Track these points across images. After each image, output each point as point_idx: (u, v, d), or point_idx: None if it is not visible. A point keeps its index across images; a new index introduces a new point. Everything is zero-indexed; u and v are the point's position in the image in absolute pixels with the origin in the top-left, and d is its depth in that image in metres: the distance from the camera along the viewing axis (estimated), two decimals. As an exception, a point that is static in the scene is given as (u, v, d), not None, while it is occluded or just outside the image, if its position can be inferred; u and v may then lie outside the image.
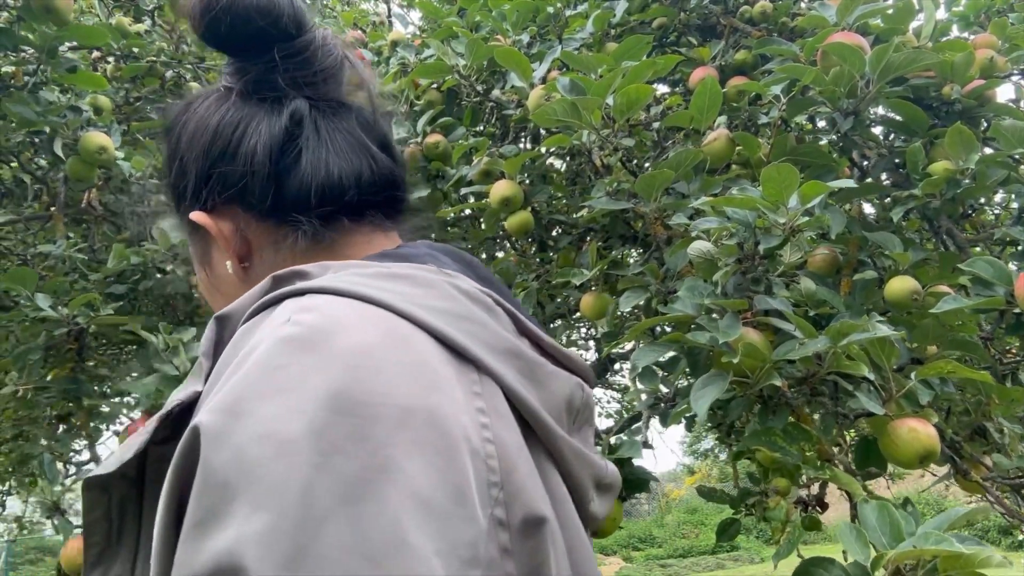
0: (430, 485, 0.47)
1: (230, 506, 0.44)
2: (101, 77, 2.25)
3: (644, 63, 1.75)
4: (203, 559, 0.43)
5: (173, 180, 0.79)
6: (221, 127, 0.75)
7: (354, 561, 0.42)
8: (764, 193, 1.40)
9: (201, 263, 0.81)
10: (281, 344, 0.51)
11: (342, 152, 0.76)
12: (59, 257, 2.07)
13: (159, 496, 0.57)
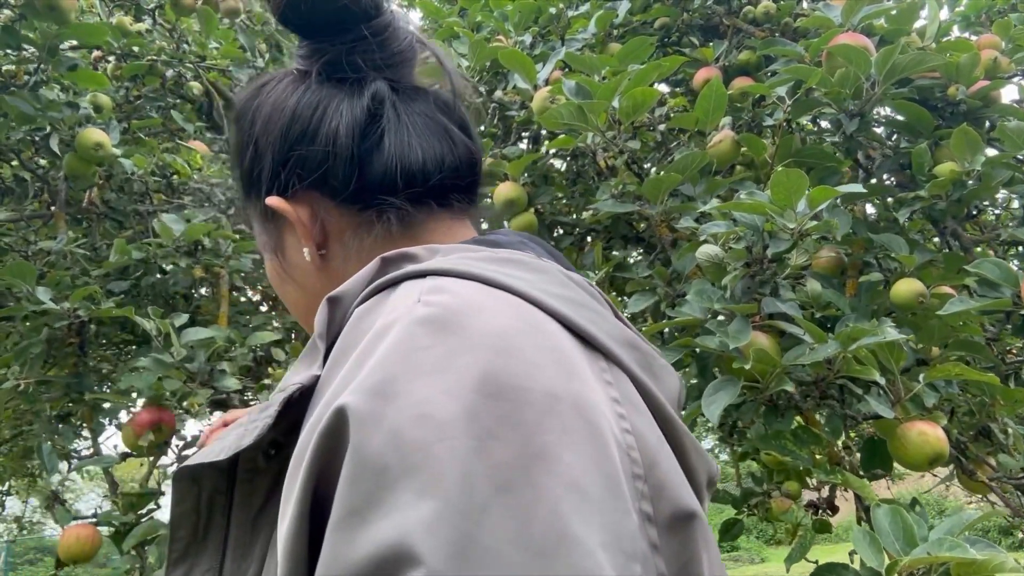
0: (586, 475, 0.45)
1: (391, 492, 0.42)
2: (102, 75, 2.25)
3: (650, 66, 1.75)
4: (365, 548, 0.41)
5: (247, 166, 0.77)
6: (300, 109, 0.73)
7: (519, 555, 0.40)
8: (773, 197, 1.40)
9: (273, 251, 0.79)
10: (419, 325, 0.49)
11: (424, 135, 0.74)
12: (60, 253, 2.07)
13: (254, 489, 0.59)
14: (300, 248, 0.74)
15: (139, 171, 2.34)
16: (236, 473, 0.60)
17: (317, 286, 0.75)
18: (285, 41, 3.21)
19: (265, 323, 2.32)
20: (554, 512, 0.42)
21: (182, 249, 2.01)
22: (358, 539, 0.41)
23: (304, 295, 0.77)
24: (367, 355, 0.49)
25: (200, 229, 1.98)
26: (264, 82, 0.78)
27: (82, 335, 1.83)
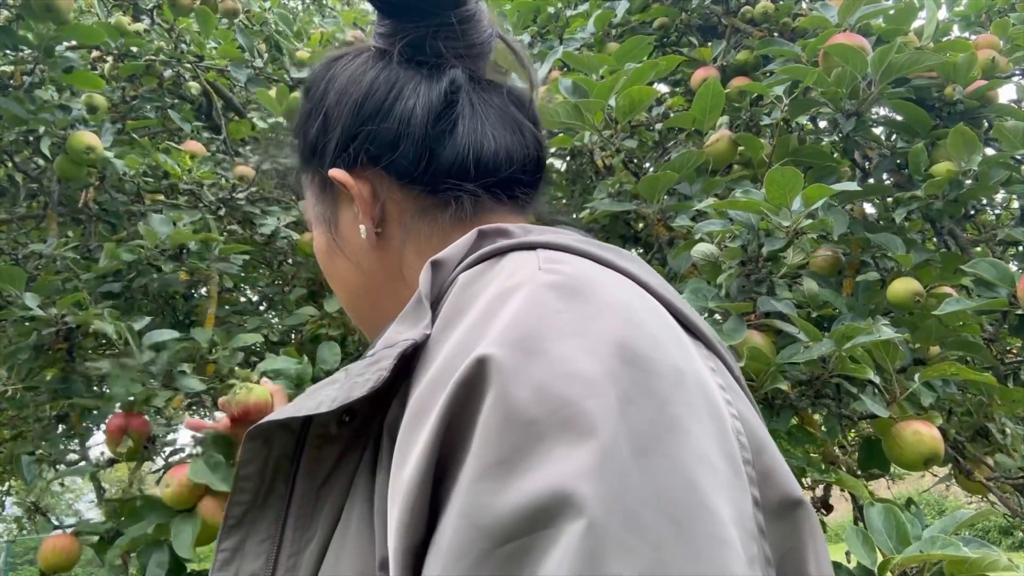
0: (713, 450, 0.45)
1: (541, 444, 0.42)
2: (97, 77, 2.25)
3: (646, 65, 1.75)
4: (519, 496, 0.40)
5: (313, 135, 0.77)
6: (376, 85, 0.73)
7: (658, 520, 0.40)
8: (768, 196, 1.40)
9: (326, 223, 0.78)
10: (549, 289, 0.50)
11: (497, 127, 0.75)
12: (49, 257, 2.06)
13: (322, 457, 0.59)
14: (356, 224, 0.75)
15: (131, 171, 2.33)
16: (305, 439, 0.60)
17: (369, 264, 0.76)
18: (284, 41, 3.21)
19: (261, 325, 2.31)
20: (690, 482, 0.42)
21: (167, 252, 2.00)
22: (510, 488, 0.41)
23: (354, 271, 0.77)
24: (492, 314, 0.49)
25: (185, 235, 1.98)
26: (339, 55, 0.78)
27: (70, 340, 1.83)
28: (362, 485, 0.58)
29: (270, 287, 3.16)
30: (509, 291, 0.51)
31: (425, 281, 0.59)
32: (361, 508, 0.56)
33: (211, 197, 2.35)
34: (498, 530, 0.40)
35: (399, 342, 0.54)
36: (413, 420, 0.48)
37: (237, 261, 2.16)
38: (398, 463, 0.48)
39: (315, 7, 5.13)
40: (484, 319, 0.49)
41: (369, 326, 0.81)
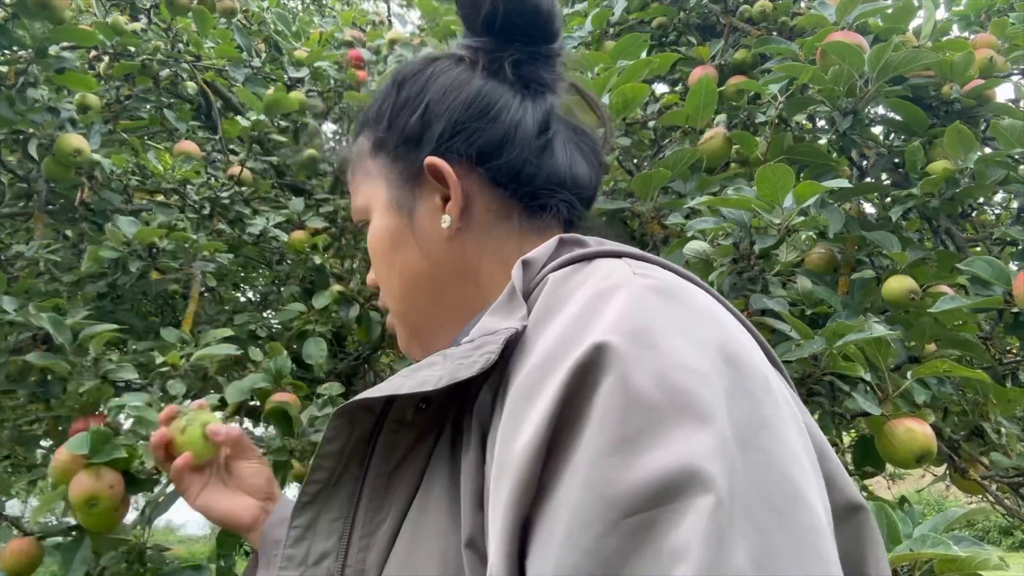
0: (799, 449, 0.49)
1: (664, 426, 0.44)
2: (89, 78, 2.24)
3: (640, 62, 1.74)
4: (646, 472, 0.43)
5: (411, 124, 0.80)
6: (483, 91, 0.78)
7: (760, 505, 0.43)
8: (759, 193, 1.39)
9: (400, 209, 0.80)
10: (650, 292, 0.54)
11: (577, 154, 0.82)
12: (31, 259, 2.06)
13: (397, 442, 0.63)
14: (435, 215, 0.78)
15: (118, 171, 2.33)
16: (383, 423, 0.64)
17: (440, 256, 0.79)
18: (283, 41, 3.21)
19: (249, 321, 2.30)
20: (784, 474, 0.45)
21: (135, 252, 1.99)
22: (637, 463, 0.43)
23: (423, 261, 0.79)
24: (596, 309, 0.53)
25: (152, 232, 1.97)
26: (436, 57, 0.83)
27: (49, 343, 1.82)
28: (440, 470, 0.61)
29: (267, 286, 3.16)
30: (609, 290, 0.54)
31: (518, 277, 0.64)
32: (440, 491, 0.60)
33: (195, 196, 2.34)
34: (625, 502, 0.42)
35: (500, 329, 0.58)
36: (520, 401, 0.51)
37: (222, 260, 2.16)
38: (503, 442, 0.51)
39: (314, 7, 5.13)
40: (588, 313, 0.53)
41: (416, 319, 0.82)
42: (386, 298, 0.84)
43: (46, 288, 2.02)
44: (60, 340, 1.62)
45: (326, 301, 2.25)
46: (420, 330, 0.83)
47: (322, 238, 2.56)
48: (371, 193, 0.83)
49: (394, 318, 0.85)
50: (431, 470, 0.63)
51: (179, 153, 2.45)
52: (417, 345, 0.84)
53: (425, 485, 0.62)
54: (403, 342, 0.86)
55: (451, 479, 0.60)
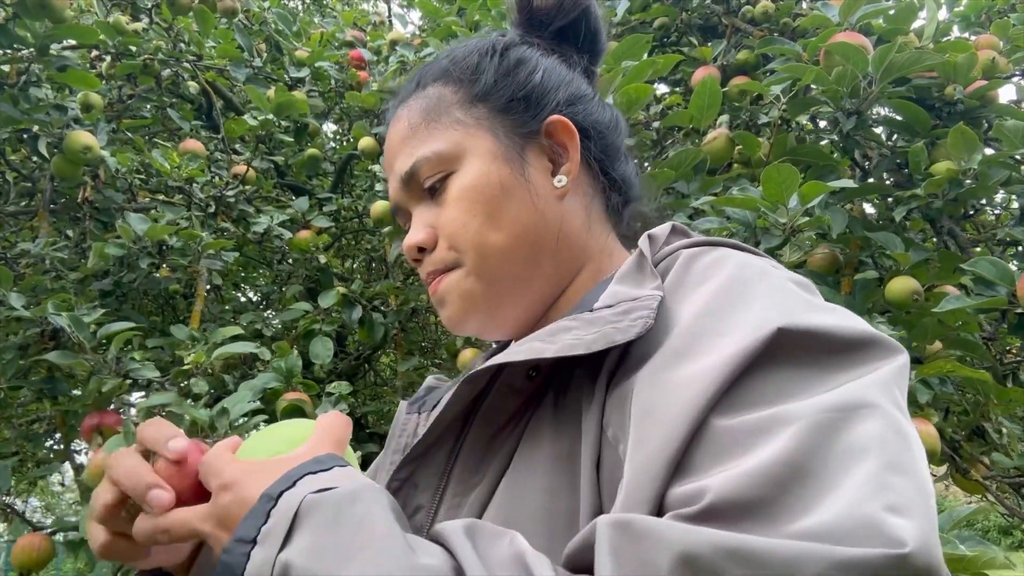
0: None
1: (839, 374, 0.54)
2: (92, 76, 2.24)
3: (643, 63, 1.75)
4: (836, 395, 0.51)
5: (530, 81, 0.83)
6: (580, 82, 0.87)
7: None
8: (764, 193, 1.39)
9: (511, 160, 0.81)
10: (791, 282, 0.63)
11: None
12: (37, 256, 2.06)
13: (503, 407, 0.68)
14: (545, 172, 0.82)
15: (123, 169, 2.33)
16: (490, 388, 0.68)
17: (552, 213, 0.81)
18: (284, 41, 3.21)
19: (254, 320, 2.30)
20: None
21: (146, 249, 1.99)
22: (828, 387, 0.52)
23: (534, 215, 0.80)
24: (748, 293, 0.60)
25: (162, 230, 1.97)
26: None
27: (56, 339, 1.82)
28: (542, 433, 0.65)
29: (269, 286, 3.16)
30: (757, 276, 0.62)
31: (647, 249, 0.71)
32: (545, 453, 0.63)
33: (201, 195, 2.34)
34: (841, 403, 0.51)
35: (643, 296, 0.63)
36: (674, 359, 0.57)
37: (228, 258, 2.16)
38: (662, 373, 0.57)
39: (315, 7, 5.13)
40: (739, 291, 0.60)
41: (503, 276, 0.80)
42: (467, 250, 0.79)
43: (52, 285, 2.02)
44: (80, 338, 1.62)
45: (332, 301, 2.24)
46: (498, 291, 0.80)
47: (325, 238, 2.56)
48: (465, 141, 0.81)
49: (470, 276, 0.80)
50: (532, 434, 0.66)
51: (185, 151, 2.45)
52: (482, 309, 0.81)
53: (527, 448, 0.65)
54: (464, 305, 0.81)
55: (555, 442, 0.63)
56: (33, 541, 1.59)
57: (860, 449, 0.48)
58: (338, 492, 0.55)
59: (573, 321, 0.65)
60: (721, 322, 0.58)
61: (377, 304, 2.59)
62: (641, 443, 0.53)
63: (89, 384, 1.63)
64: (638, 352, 0.61)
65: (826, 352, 0.55)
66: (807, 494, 0.46)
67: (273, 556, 0.53)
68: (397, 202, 0.86)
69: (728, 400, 0.52)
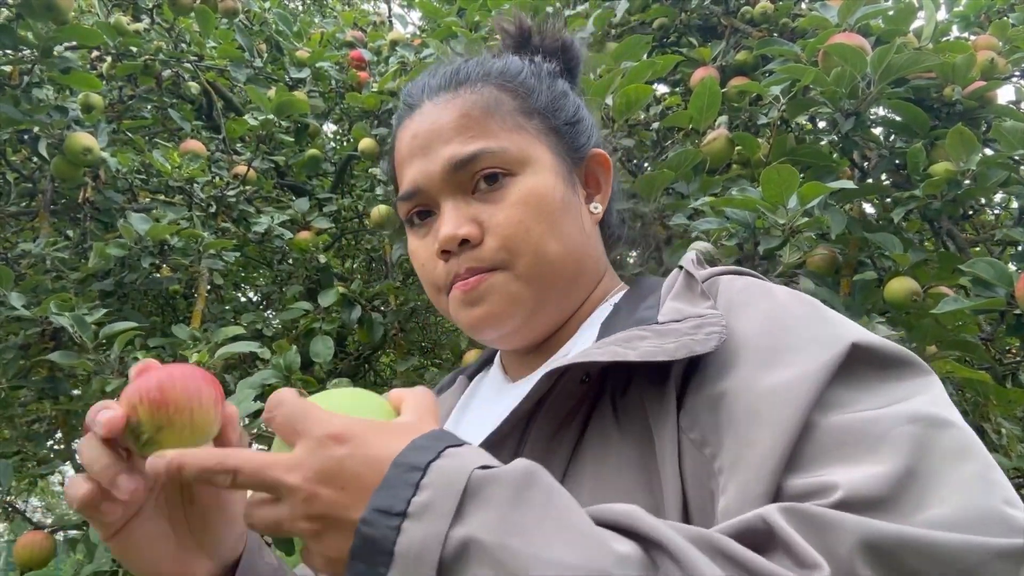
0: None
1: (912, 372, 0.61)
2: (94, 77, 2.25)
3: (643, 64, 1.75)
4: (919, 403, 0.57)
5: (574, 113, 0.90)
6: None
7: None
8: (764, 194, 1.40)
9: (567, 180, 0.86)
10: (793, 293, 0.71)
11: None
12: (38, 256, 2.06)
13: (559, 410, 0.71)
14: (583, 198, 0.88)
15: (124, 169, 2.33)
16: (552, 391, 0.71)
17: (591, 236, 0.88)
18: (284, 42, 3.21)
19: (255, 320, 2.31)
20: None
21: (147, 249, 2.00)
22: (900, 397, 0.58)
23: (580, 233, 0.85)
24: (808, 311, 0.68)
25: (164, 230, 1.97)
26: None
27: (57, 340, 1.82)
28: (614, 436, 0.68)
29: (269, 286, 3.16)
30: (792, 300, 0.70)
31: (694, 271, 0.77)
32: (621, 453, 0.66)
33: (202, 195, 2.35)
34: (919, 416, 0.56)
35: (708, 314, 0.68)
36: (763, 369, 0.62)
37: (229, 258, 2.16)
38: (747, 383, 0.62)
39: (315, 7, 5.14)
40: (799, 310, 0.68)
41: (550, 286, 0.83)
42: (524, 253, 0.80)
43: (53, 286, 2.03)
44: (82, 338, 1.62)
45: (331, 300, 2.25)
46: (542, 300, 0.82)
47: (325, 238, 2.57)
48: (529, 148, 0.84)
49: (520, 279, 0.81)
50: (596, 435, 0.69)
51: (185, 152, 2.45)
52: (521, 315, 0.82)
53: (594, 449, 0.68)
54: (507, 307, 0.81)
55: (623, 443, 0.67)
56: (35, 539, 1.60)
57: (958, 452, 0.53)
58: (511, 470, 0.53)
59: (646, 331, 0.69)
60: (797, 337, 0.64)
61: (377, 304, 2.59)
62: (751, 443, 0.58)
63: (91, 384, 1.63)
64: (713, 363, 0.65)
65: (885, 366, 0.61)
66: (927, 492, 0.51)
67: (443, 532, 0.49)
68: (425, 186, 0.83)
69: (824, 403, 0.58)
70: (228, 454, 0.56)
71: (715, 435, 0.61)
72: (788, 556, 0.49)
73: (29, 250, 2.04)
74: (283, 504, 0.54)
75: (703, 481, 0.61)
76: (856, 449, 0.55)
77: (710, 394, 0.64)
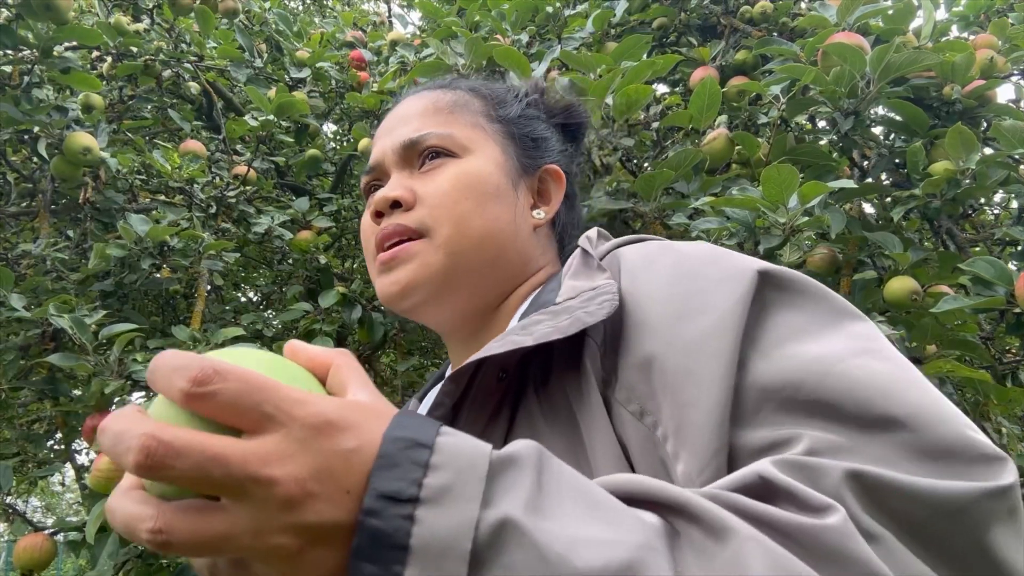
0: None
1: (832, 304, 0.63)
2: (94, 78, 2.25)
3: (643, 63, 1.75)
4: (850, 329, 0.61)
5: (547, 136, 0.97)
6: (576, 162, 1.04)
7: None
8: (764, 193, 1.40)
9: (509, 175, 0.90)
10: (693, 243, 0.72)
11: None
12: (38, 257, 2.06)
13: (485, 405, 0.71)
14: (528, 203, 0.92)
15: (124, 170, 2.33)
16: (470, 389, 0.71)
17: (523, 234, 0.90)
18: (285, 42, 3.21)
19: (255, 321, 2.31)
20: None
21: (147, 250, 2.00)
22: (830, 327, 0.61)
23: (510, 225, 0.88)
24: (705, 255, 0.68)
25: (163, 231, 1.97)
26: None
27: (57, 340, 1.82)
28: (542, 425, 0.67)
29: (269, 286, 3.16)
30: (694, 245, 0.71)
31: (590, 248, 0.78)
32: (551, 443, 0.64)
33: (202, 196, 2.34)
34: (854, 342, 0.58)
35: (601, 284, 0.68)
36: (677, 322, 0.62)
37: (229, 259, 2.16)
38: (671, 333, 0.62)
39: (315, 7, 5.14)
40: (697, 255, 0.68)
41: (464, 260, 0.84)
42: (445, 223, 0.84)
43: (53, 286, 2.03)
44: (83, 340, 1.62)
45: (332, 300, 2.26)
46: (456, 274, 0.84)
47: (325, 238, 2.57)
48: (479, 141, 0.90)
49: (439, 250, 0.83)
50: (524, 433, 0.67)
51: (186, 152, 2.45)
52: (434, 285, 0.83)
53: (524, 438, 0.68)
54: (420, 274, 0.83)
55: (554, 435, 0.66)
56: (35, 541, 1.60)
57: (901, 381, 0.54)
58: (525, 449, 0.48)
59: (542, 315, 0.69)
60: (705, 279, 0.64)
61: (377, 304, 2.59)
62: (690, 404, 0.57)
63: (91, 386, 1.63)
64: (632, 329, 0.65)
65: (801, 291, 0.62)
66: (886, 431, 0.52)
67: (473, 518, 0.42)
68: (381, 161, 0.91)
69: (750, 339, 0.59)
70: (167, 428, 0.41)
71: (652, 402, 0.60)
72: (794, 504, 0.48)
73: (29, 250, 2.04)
74: (243, 511, 0.41)
75: (650, 451, 0.60)
76: (799, 395, 0.55)
77: (637, 362, 0.63)
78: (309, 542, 0.42)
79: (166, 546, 0.40)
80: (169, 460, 0.39)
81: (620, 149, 1.83)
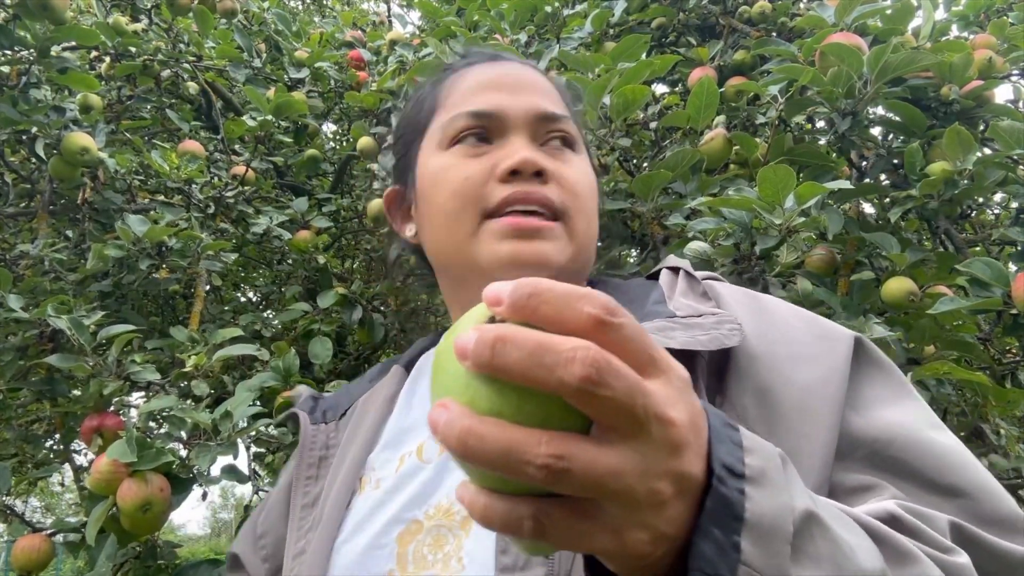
0: None
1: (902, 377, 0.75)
2: (92, 78, 2.25)
3: (641, 63, 1.75)
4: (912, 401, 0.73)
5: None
6: None
7: None
8: (760, 194, 1.40)
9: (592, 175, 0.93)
10: (779, 300, 0.83)
11: None
12: (36, 257, 2.06)
13: None
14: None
15: (122, 170, 2.33)
16: None
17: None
18: (284, 42, 3.21)
19: (254, 321, 2.31)
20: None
21: (145, 251, 2.00)
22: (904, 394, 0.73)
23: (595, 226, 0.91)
24: (796, 316, 0.79)
25: (162, 231, 1.97)
26: None
27: (55, 341, 1.82)
28: None
29: (268, 287, 3.16)
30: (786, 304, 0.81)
31: (691, 271, 0.85)
32: None
33: (200, 196, 2.34)
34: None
35: (719, 312, 0.75)
36: (792, 361, 0.72)
37: (227, 259, 2.16)
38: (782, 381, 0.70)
39: (315, 7, 5.13)
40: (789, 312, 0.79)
41: (586, 254, 0.88)
42: (578, 215, 0.85)
43: (51, 287, 2.03)
44: (81, 341, 1.62)
45: (330, 301, 2.26)
46: (574, 267, 0.86)
47: (324, 238, 2.57)
48: (582, 142, 0.93)
49: (575, 238, 0.84)
50: None
51: (184, 152, 2.45)
52: (556, 269, 0.81)
53: None
54: (554, 252, 0.82)
55: None
56: (33, 542, 1.59)
57: (965, 457, 0.66)
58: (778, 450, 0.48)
59: (671, 323, 0.73)
60: (810, 334, 0.74)
61: (377, 304, 2.59)
62: (806, 436, 0.66)
63: (90, 387, 1.63)
64: (744, 359, 0.72)
65: (879, 361, 0.73)
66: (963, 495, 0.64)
67: (789, 503, 0.43)
68: (504, 114, 0.85)
69: (852, 400, 0.69)
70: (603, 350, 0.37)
71: (764, 427, 0.67)
72: (921, 541, 0.54)
73: (27, 251, 2.04)
74: (633, 449, 0.38)
75: None
76: (887, 451, 0.65)
77: (752, 389, 0.70)
78: (677, 493, 0.40)
79: (564, 475, 0.36)
80: (609, 378, 0.36)
81: (618, 149, 1.83)
